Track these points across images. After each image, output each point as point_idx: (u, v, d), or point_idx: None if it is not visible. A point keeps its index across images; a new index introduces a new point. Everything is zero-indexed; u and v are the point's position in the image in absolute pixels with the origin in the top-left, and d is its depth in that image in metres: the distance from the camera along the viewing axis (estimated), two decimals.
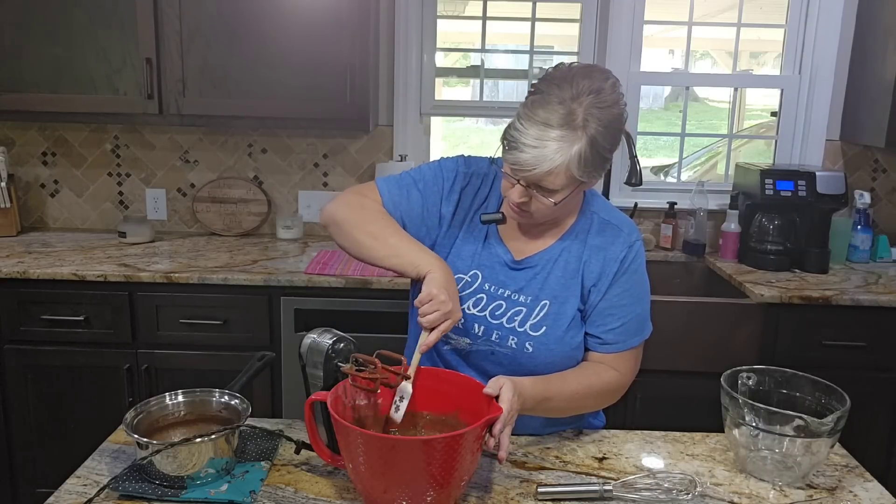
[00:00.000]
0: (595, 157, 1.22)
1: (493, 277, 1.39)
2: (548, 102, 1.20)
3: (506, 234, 1.42)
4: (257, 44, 2.46)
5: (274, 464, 1.26)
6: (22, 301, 2.34)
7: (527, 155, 1.19)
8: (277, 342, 2.36)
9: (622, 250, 1.37)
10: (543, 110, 1.19)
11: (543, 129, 1.18)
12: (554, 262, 1.38)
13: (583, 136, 1.19)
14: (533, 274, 1.38)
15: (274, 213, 2.95)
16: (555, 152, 1.18)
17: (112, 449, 1.30)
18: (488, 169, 1.44)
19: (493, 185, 1.43)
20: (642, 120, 2.99)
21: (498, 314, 1.37)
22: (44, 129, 2.89)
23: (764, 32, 3.22)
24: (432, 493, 1.05)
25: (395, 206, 1.41)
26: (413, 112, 2.88)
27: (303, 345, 1.24)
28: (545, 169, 1.19)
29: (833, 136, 2.87)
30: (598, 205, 1.43)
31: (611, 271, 1.36)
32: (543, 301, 1.36)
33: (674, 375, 2.34)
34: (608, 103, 1.21)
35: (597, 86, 1.21)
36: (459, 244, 1.42)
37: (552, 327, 1.35)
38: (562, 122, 1.18)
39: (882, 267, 2.68)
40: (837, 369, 2.20)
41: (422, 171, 1.45)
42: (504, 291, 1.38)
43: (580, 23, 2.87)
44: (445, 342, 1.41)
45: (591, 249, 1.38)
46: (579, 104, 1.19)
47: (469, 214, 1.42)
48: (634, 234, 1.40)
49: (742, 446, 1.26)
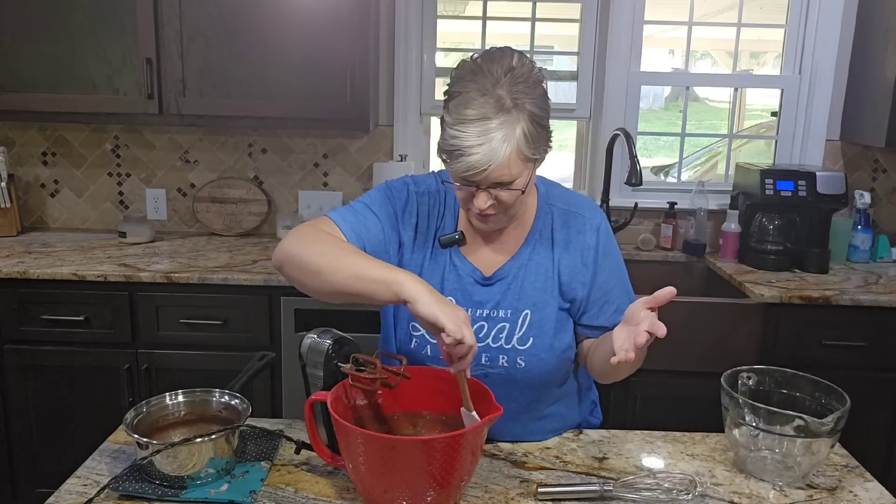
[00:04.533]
0: (538, 131, 1.20)
1: (468, 299, 1.34)
2: (472, 99, 1.16)
3: (469, 250, 1.37)
4: (257, 44, 2.46)
5: (274, 464, 1.26)
6: (22, 301, 2.34)
7: (477, 156, 1.15)
8: (277, 342, 2.36)
9: (592, 236, 1.36)
10: (472, 108, 1.16)
11: (482, 123, 1.15)
12: (525, 269, 1.35)
13: (520, 116, 1.16)
14: (507, 285, 1.35)
15: (274, 213, 2.95)
16: (502, 142, 1.15)
17: (112, 449, 1.30)
18: (437, 185, 1.39)
19: (446, 201, 1.38)
20: (642, 120, 2.99)
21: (481, 336, 1.33)
22: (44, 129, 2.89)
23: (764, 32, 3.22)
24: (432, 493, 1.05)
25: (357, 234, 1.30)
26: (413, 112, 2.88)
27: (303, 345, 1.24)
28: (500, 161, 1.16)
29: (833, 136, 2.87)
30: (554, 195, 1.40)
31: (589, 260, 1.35)
32: (524, 311, 1.33)
33: (674, 375, 2.34)
34: (524, 75, 1.19)
35: (507, 64, 1.19)
36: (427, 274, 1.35)
37: (539, 336, 1.33)
38: (496, 110, 1.15)
39: (882, 267, 2.68)
40: (837, 369, 2.20)
41: (372, 196, 1.37)
42: (482, 311, 1.34)
43: (580, 23, 2.87)
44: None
45: (560, 246, 1.36)
46: (501, 87, 1.16)
47: (429, 237, 1.37)
48: (597, 215, 1.39)
49: (742, 446, 1.26)
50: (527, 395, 1.37)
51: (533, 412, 1.40)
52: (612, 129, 2.75)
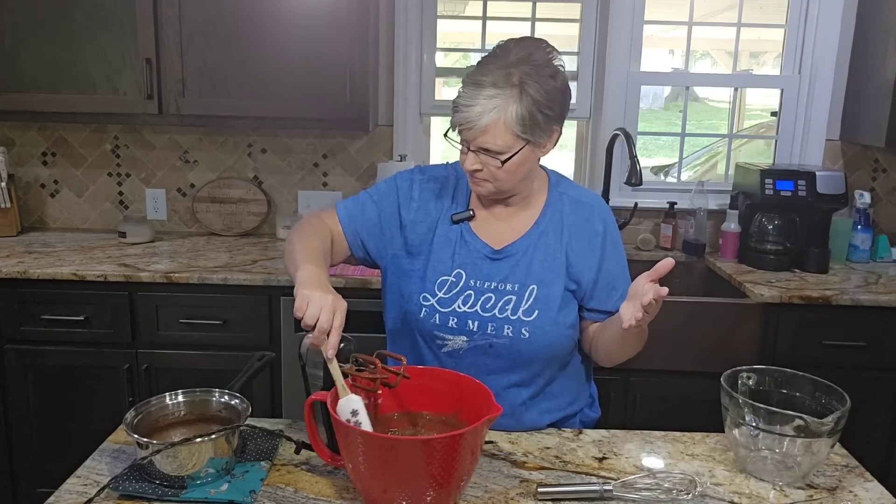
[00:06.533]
0: (536, 116, 1.29)
1: (477, 272, 1.42)
2: (486, 69, 1.29)
3: (480, 228, 1.46)
4: (257, 44, 2.46)
5: (274, 464, 1.26)
6: (22, 301, 2.34)
7: (463, 113, 1.28)
8: (277, 342, 2.36)
9: (600, 224, 1.45)
10: (480, 73, 1.30)
11: (478, 88, 1.28)
12: (534, 248, 1.43)
13: (519, 95, 1.27)
14: (515, 261, 1.42)
15: (274, 213, 2.95)
16: (491, 109, 1.26)
17: (112, 449, 1.30)
18: (446, 172, 1.51)
19: (457, 186, 1.49)
20: (642, 120, 2.99)
21: (489, 307, 1.40)
22: (44, 129, 2.89)
23: (764, 32, 3.22)
24: (432, 493, 1.05)
25: (351, 219, 1.48)
26: (413, 112, 2.88)
27: (303, 345, 1.24)
28: (482, 124, 1.27)
29: (833, 136, 2.87)
30: (565, 185, 1.50)
31: (597, 245, 1.44)
32: (531, 286, 1.41)
33: (674, 375, 2.34)
34: (542, 62, 1.30)
35: (529, 51, 1.31)
36: (437, 249, 1.45)
37: (544, 310, 1.40)
38: (497, 81, 1.27)
39: (882, 267, 2.68)
40: (837, 369, 2.20)
41: (377, 186, 1.52)
42: (490, 284, 1.42)
43: (580, 23, 2.87)
44: (442, 344, 1.43)
45: (569, 229, 1.44)
46: (516, 68, 1.28)
47: (439, 218, 1.46)
48: (604, 207, 1.50)
49: (742, 446, 1.26)
50: (531, 367, 1.43)
51: (534, 386, 1.45)
52: (612, 129, 2.75)
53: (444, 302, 1.42)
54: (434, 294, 1.42)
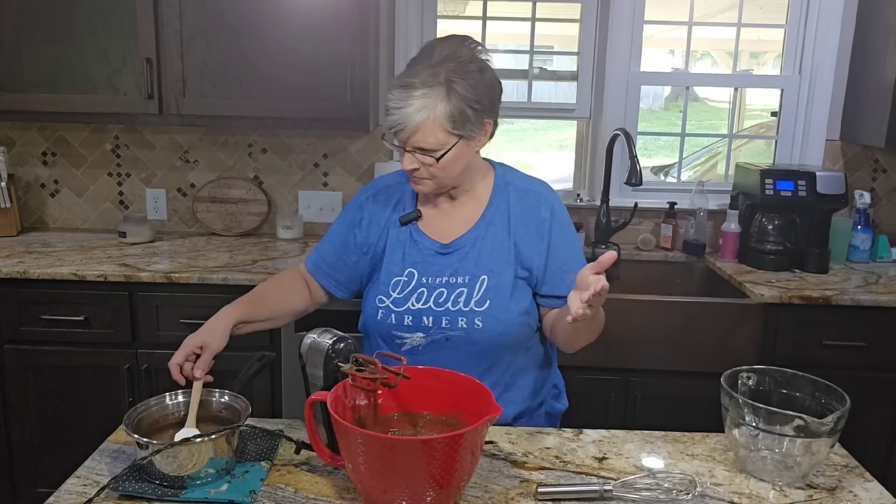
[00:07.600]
0: (466, 111, 1.33)
1: (428, 269, 1.46)
2: (414, 69, 1.34)
3: (428, 225, 1.50)
4: (257, 44, 2.46)
5: (274, 464, 1.26)
6: (22, 301, 2.34)
7: (395, 116, 1.32)
8: (277, 342, 2.36)
9: (546, 210, 1.48)
10: (408, 75, 1.33)
11: (407, 89, 1.31)
12: (482, 239, 1.46)
13: (446, 93, 1.31)
14: (464, 254, 1.46)
15: (274, 213, 2.95)
16: (419, 109, 1.30)
17: (112, 449, 1.30)
18: (394, 179, 1.56)
19: (404, 190, 1.53)
20: (642, 120, 2.99)
21: (441, 301, 1.44)
22: (44, 129, 2.89)
23: (764, 32, 3.22)
24: (432, 494, 1.05)
25: (315, 265, 1.59)
26: None
27: (303, 345, 1.25)
28: (413, 124, 1.31)
29: (833, 136, 2.87)
30: (511, 176, 1.53)
31: (545, 231, 1.46)
32: (481, 276, 1.44)
33: (674, 375, 2.34)
34: (467, 58, 1.34)
35: (453, 49, 1.35)
36: (389, 252, 1.50)
37: (496, 299, 1.43)
38: (425, 81, 1.31)
39: (882, 267, 2.68)
40: (837, 369, 2.20)
41: (334, 223, 1.60)
42: (441, 278, 1.45)
43: (580, 23, 2.87)
44: (401, 343, 1.47)
45: (516, 217, 1.47)
46: (441, 66, 1.32)
47: (389, 224, 1.52)
48: (552, 193, 1.52)
49: (742, 446, 1.26)
50: (488, 357, 1.46)
51: (493, 376, 1.46)
52: (612, 129, 2.75)
53: (398, 301, 1.46)
54: (388, 295, 1.47)
